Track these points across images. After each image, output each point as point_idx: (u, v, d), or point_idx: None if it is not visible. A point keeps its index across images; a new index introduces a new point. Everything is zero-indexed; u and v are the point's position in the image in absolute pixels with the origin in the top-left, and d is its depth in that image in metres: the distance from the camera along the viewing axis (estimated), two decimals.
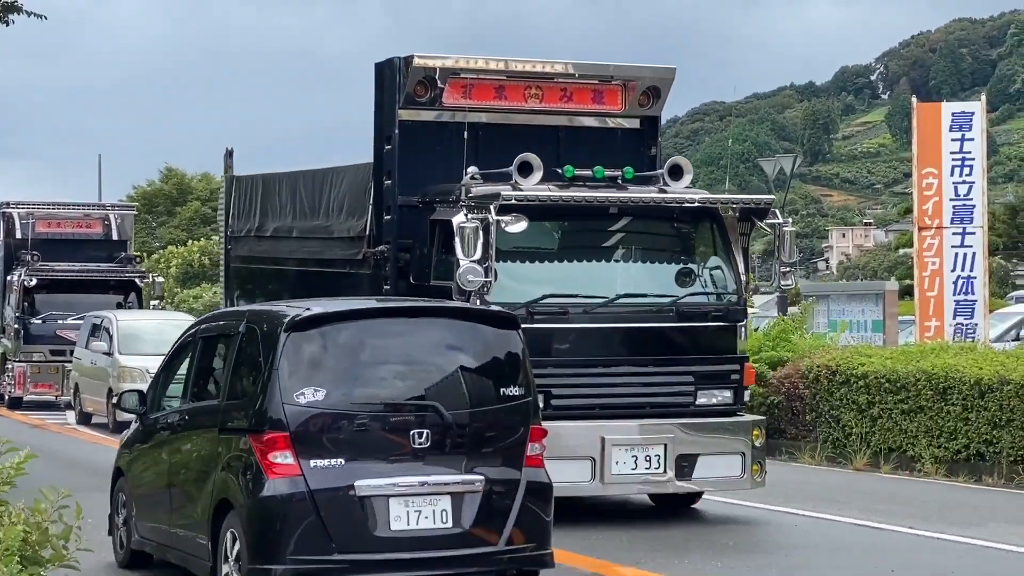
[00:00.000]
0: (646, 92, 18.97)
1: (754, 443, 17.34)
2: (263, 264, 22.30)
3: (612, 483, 16.89)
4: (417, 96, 18.22)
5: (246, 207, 22.81)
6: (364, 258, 18.64)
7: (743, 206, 17.72)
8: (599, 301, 17.05)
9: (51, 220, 37.70)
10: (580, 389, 16.96)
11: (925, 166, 27.65)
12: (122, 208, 41.71)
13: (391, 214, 18.12)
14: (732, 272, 17.57)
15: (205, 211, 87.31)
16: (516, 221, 16.36)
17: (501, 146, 17.88)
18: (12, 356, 35.65)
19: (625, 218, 17.54)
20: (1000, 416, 20.35)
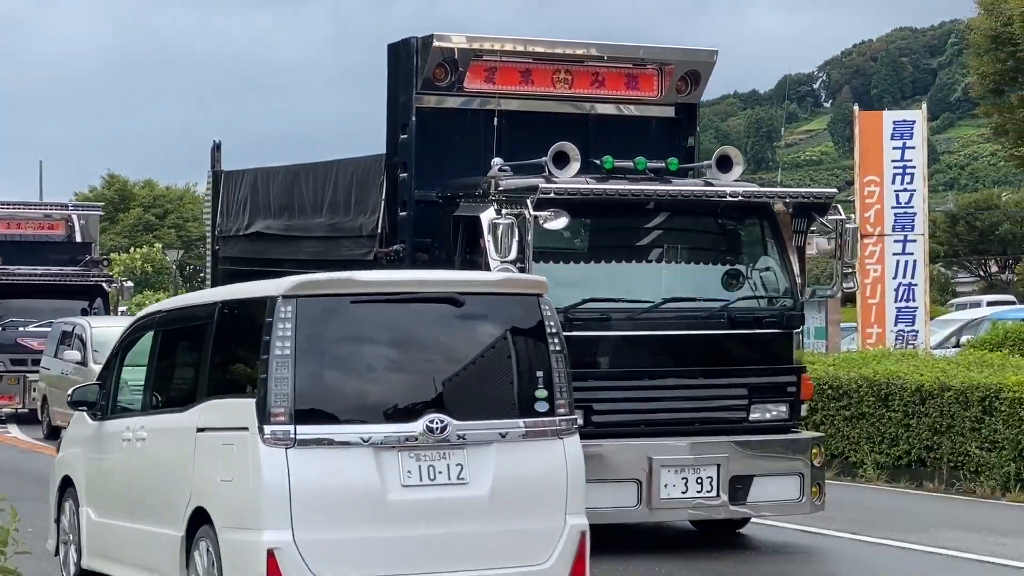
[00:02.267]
0: (684, 78, 16.94)
1: (813, 463, 15.31)
2: (256, 266, 20.06)
3: (660, 508, 14.84)
4: (436, 80, 16.18)
5: (236, 204, 20.61)
6: (376, 259, 16.63)
7: (801, 200, 15.65)
8: (644, 306, 15.00)
9: (11, 220, 35.39)
10: (624, 404, 14.92)
11: (867, 174, 27.23)
12: (86, 208, 39.39)
13: (407, 210, 16.13)
14: (787, 273, 15.54)
15: (148, 218, 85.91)
16: (555, 217, 14.28)
17: (526, 135, 15.98)
18: None
19: (672, 214, 15.54)
20: (940, 422, 19.97)
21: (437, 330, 10.75)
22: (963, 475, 19.67)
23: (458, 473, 10.35)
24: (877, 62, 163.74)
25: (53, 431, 29.13)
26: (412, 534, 10.15)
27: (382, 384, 10.55)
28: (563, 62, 16.60)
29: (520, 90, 16.47)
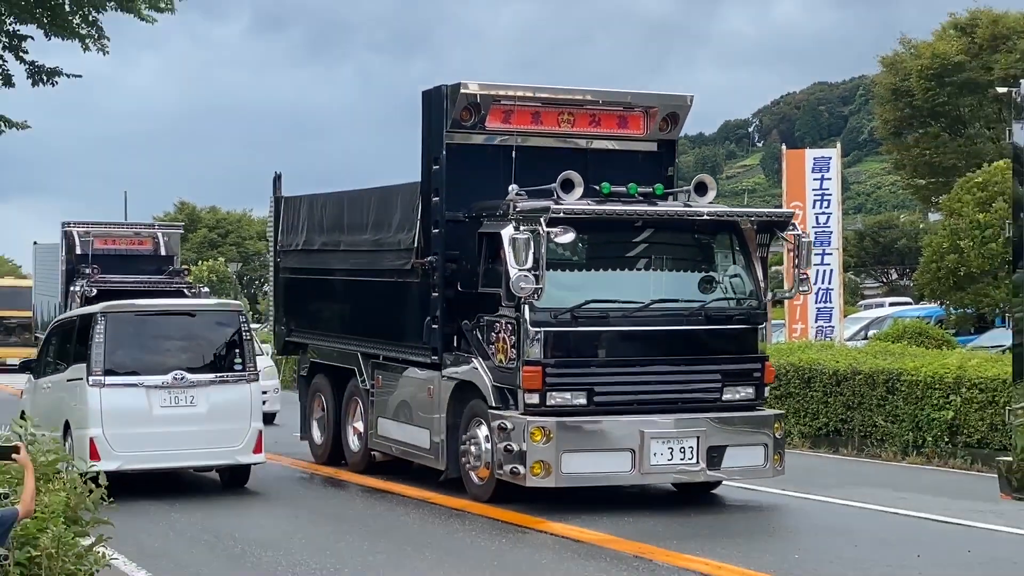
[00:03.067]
0: (665, 118, 16.61)
1: (775, 435, 15.01)
2: (311, 275, 19.74)
3: (650, 473, 14.50)
4: (463, 121, 15.85)
5: (294, 224, 20.22)
6: (412, 268, 16.27)
7: (765, 219, 15.34)
8: (636, 305, 14.66)
9: (107, 238, 34.77)
10: (620, 386, 14.60)
11: (792, 200, 27.01)
12: (169, 227, 38.79)
13: (438, 228, 15.78)
14: (753, 279, 15.27)
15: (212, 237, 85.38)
16: (564, 232, 13.99)
17: (536, 166, 15.60)
18: None
19: (658, 230, 15.20)
20: (852, 400, 20.33)
21: (182, 328, 16.89)
22: (871, 443, 19.90)
23: (190, 400, 16.06)
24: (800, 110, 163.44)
25: None
26: (165, 431, 15.82)
27: (150, 356, 16.35)
28: (566, 105, 16.26)
29: (531, 129, 16.13)
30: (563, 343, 14.38)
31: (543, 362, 14.23)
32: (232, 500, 16.25)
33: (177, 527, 14.29)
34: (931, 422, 18.92)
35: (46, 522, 8.08)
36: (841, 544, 12.88)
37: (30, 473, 7.60)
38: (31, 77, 23.21)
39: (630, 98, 16.64)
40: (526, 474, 14.13)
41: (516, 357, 14.36)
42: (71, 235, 34.09)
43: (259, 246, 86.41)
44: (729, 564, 11.79)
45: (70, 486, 8.61)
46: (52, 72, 23.23)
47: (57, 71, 23.20)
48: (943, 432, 18.79)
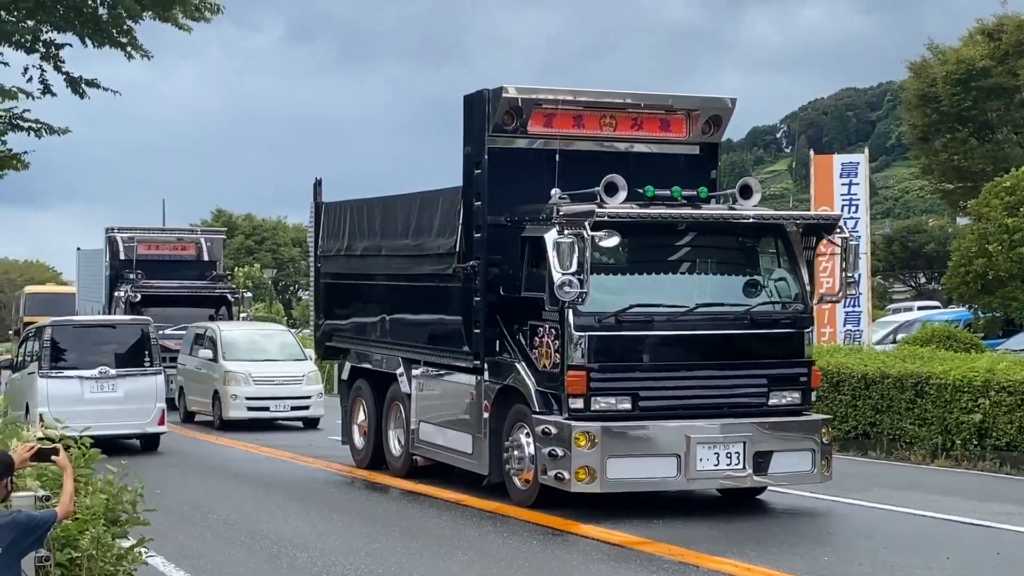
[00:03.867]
0: (708, 121, 16.21)
1: (822, 440, 14.60)
2: (352, 280, 19.47)
3: (696, 478, 14.14)
4: (504, 125, 15.54)
5: (335, 229, 19.96)
6: (454, 273, 15.94)
7: (811, 222, 14.98)
8: (681, 310, 14.30)
9: (151, 243, 34.66)
10: (665, 391, 14.23)
11: (820, 205, 26.66)
12: (212, 233, 38.64)
13: (480, 232, 15.44)
14: (799, 282, 14.85)
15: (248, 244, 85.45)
16: (609, 236, 13.65)
17: (578, 169, 15.18)
18: None
19: (703, 234, 14.80)
20: (881, 403, 20.05)
21: (107, 336, 22.64)
22: (900, 446, 19.66)
23: (112, 388, 21.54)
24: (828, 115, 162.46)
25: (189, 415, 28.56)
26: (94, 409, 20.25)
27: (83, 356, 21.76)
28: (608, 109, 15.92)
29: (573, 132, 15.80)
30: (607, 347, 14.03)
31: (587, 367, 13.89)
32: (270, 502, 16.05)
33: (214, 528, 14.19)
34: (960, 425, 18.64)
35: (86, 524, 8.01)
36: (870, 546, 12.60)
37: (69, 475, 7.47)
38: (69, 86, 23.12)
39: (672, 101, 16.31)
40: (571, 479, 13.80)
41: (560, 362, 14.03)
42: (115, 241, 34.03)
43: (294, 252, 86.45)
44: (759, 567, 11.54)
45: (110, 488, 8.44)
46: (90, 83, 23.15)
47: (95, 83, 23.12)
48: (972, 435, 18.52)
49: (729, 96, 16.32)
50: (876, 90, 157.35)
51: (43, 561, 7.41)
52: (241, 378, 26.46)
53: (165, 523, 12.96)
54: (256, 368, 26.66)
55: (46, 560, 7.45)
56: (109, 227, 34.46)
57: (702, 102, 16.30)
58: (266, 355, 27.42)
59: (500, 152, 15.53)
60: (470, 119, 15.70)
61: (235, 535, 13.71)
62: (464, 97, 15.85)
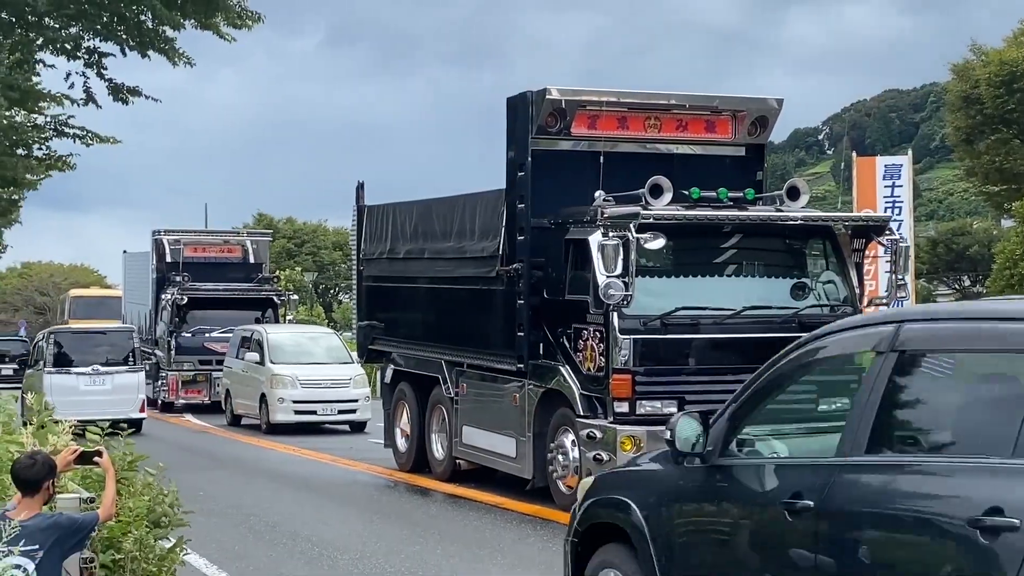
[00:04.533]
0: (754, 122, 16.06)
1: None
2: (395, 283, 19.40)
3: None
4: (548, 127, 15.45)
5: (377, 232, 19.89)
6: (497, 275, 15.84)
7: (860, 224, 14.78)
8: (727, 312, 14.12)
9: (197, 246, 34.55)
10: (712, 395, 13.89)
11: (863, 207, 26.37)
12: (258, 235, 38.61)
13: (524, 235, 15.32)
14: (847, 285, 14.67)
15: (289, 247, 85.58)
16: (655, 238, 13.52)
17: (622, 171, 15.05)
18: (165, 366, 32.32)
19: (750, 236, 14.63)
20: None
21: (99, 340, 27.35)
22: None
23: (103, 382, 25.79)
24: (871, 117, 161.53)
25: (235, 418, 28.54)
26: (88, 399, 24.30)
27: (80, 356, 26.40)
28: (652, 110, 15.80)
29: (618, 134, 15.69)
30: (653, 351, 13.88)
31: (632, 370, 13.76)
32: (311, 504, 16.03)
33: (257, 530, 14.16)
34: None
35: (129, 525, 8.00)
36: None
37: (111, 477, 7.43)
38: (112, 94, 23.18)
39: (717, 102, 16.17)
40: None
41: (605, 365, 13.90)
42: (161, 243, 33.94)
43: (334, 256, 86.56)
44: None
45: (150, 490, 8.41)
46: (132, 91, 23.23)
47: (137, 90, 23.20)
48: None
49: (775, 97, 16.16)
50: (920, 91, 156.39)
51: (87, 562, 7.36)
52: (288, 381, 26.34)
53: (208, 524, 12.99)
54: (303, 371, 26.59)
55: (90, 561, 7.41)
56: (156, 230, 34.38)
57: (748, 103, 16.15)
58: (313, 358, 27.35)
59: (543, 154, 15.42)
60: (513, 121, 15.60)
61: (277, 537, 13.66)
62: (507, 99, 15.75)
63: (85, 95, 23.15)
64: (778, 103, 16.13)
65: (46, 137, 24.14)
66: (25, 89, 21.35)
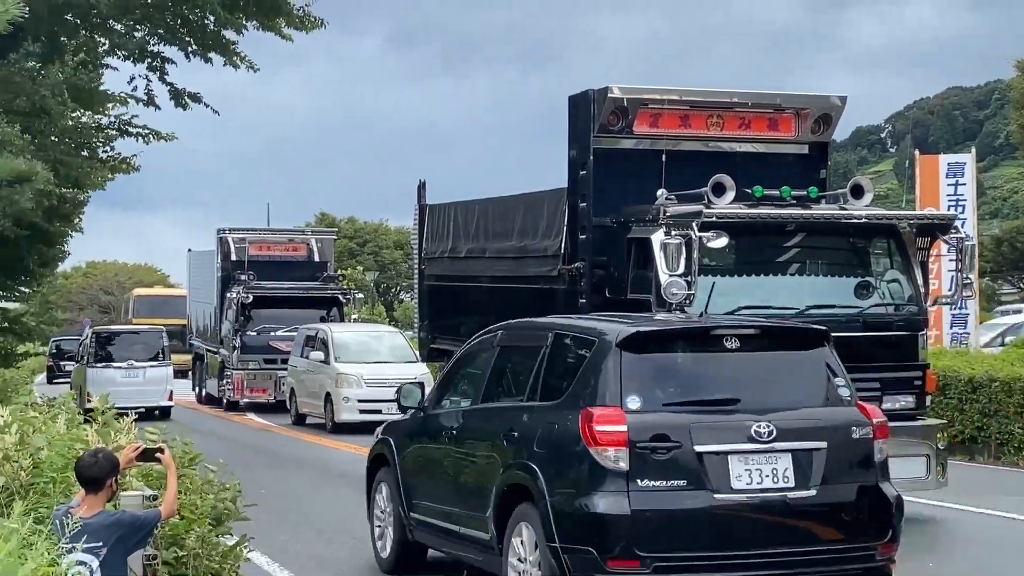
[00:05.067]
0: (817, 120, 15.89)
1: (938, 446, 14.18)
2: (457, 282, 19.39)
3: None
4: (610, 125, 15.35)
5: (439, 231, 19.90)
6: (559, 274, 15.81)
7: (926, 222, 14.57)
8: (790, 311, 13.94)
9: (262, 244, 34.46)
10: None
11: (926, 206, 25.37)
12: (322, 233, 38.50)
13: (586, 233, 15.26)
14: (912, 284, 14.44)
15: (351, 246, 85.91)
16: (717, 237, 13.39)
17: (684, 170, 14.90)
18: (230, 365, 32.33)
19: (813, 234, 14.47)
20: (989, 407, 19.57)
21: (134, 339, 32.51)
22: (1008, 451, 19.28)
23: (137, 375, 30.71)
24: (934, 115, 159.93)
25: (300, 417, 28.60)
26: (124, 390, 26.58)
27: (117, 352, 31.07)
28: (715, 108, 15.67)
29: (680, 132, 15.57)
30: None
31: None
32: None
33: (318, 528, 14.18)
34: None
35: (192, 523, 8.04)
36: (979, 553, 12.33)
37: (172, 475, 7.45)
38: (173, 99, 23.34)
39: (780, 100, 16.02)
40: None
41: None
42: (226, 241, 33.86)
43: (395, 255, 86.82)
44: None
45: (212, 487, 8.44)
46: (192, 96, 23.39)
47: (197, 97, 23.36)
48: None
49: (838, 94, 15.98)
50: (984, 88, 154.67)
51: (150, 559, 7.39)
52: (353, 380, 26.31)
53: (270, 522, 13.03)
54: (368, 370, 26.57)
55: (153, 559, 7.43)
56: (221, 228, 34.29)
57: (811, 101, 15.99)
58: (377, 357, 27.35)
59: (605, 153, 15.34)
60: (575, 120, 15.53)
61: (339, 536, 13.67)
62: (569, 98, 15.68)
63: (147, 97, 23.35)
64: (841, 100, 15.95)
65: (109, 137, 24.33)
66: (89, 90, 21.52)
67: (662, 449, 8.50)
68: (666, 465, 8.48)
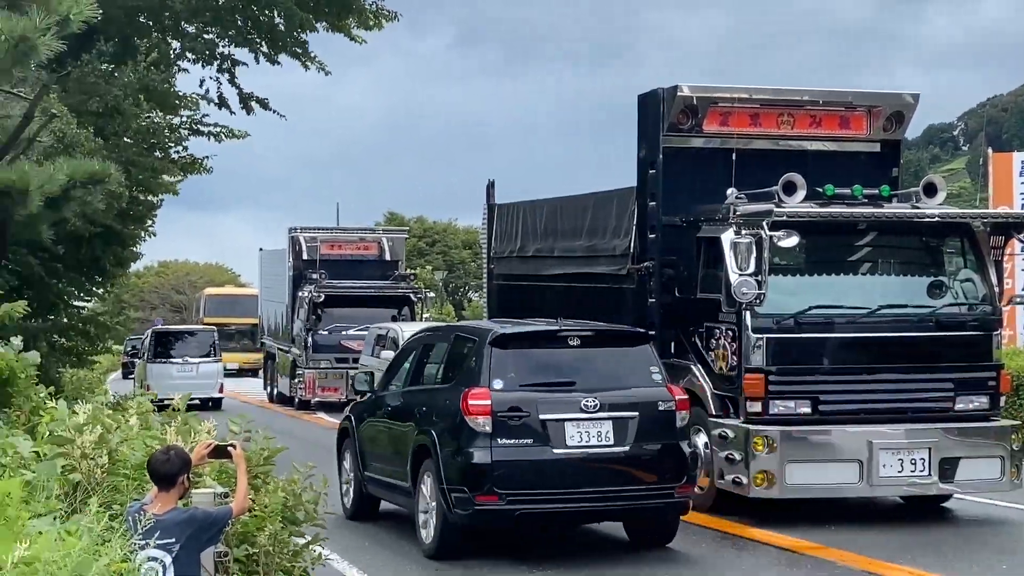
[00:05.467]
0: (889, 118, 15.73)
1: (1012, 447, 14.01)
2: (525, 281, 19.37)
3: (879, 485, 13.68)
4: (679, 124, 15.27)
5: (508, 231, 19.89)
6: (628, 274, 15.78)
7: (1000, 221, 14.38)
8: (862, 311, 13.85)
9: (333, 243, 34.36)
10: (846, 395, 13.80)
11: (999, 204, 25.22)
12: (393, 232, 38.35)
13: (655, 233, 15.24)
14: (986, 283, 14.28)
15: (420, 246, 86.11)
16: (788, 236, 13.28)
17: (754, 168, 14.80)
18: (302, 364, 32.27)
19: (885, 233, 14.36)
20: None
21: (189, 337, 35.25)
22: None
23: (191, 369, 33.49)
24: (1007, 112, 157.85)
25: None
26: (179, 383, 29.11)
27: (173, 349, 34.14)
28: (785, 107, 15.55)
29: (750, 131, 15.46)
30: (786, 350, 13.67)
31: (765, 369, 13.56)
32: None
33: (385, 526, 14.20)
34: None
35: (264, 520, 8.03)
36: None
37: (242, 472, 7.48)
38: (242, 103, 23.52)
39: (851, 97, 15.88)
40: (749, 484, 13.49)
41: (737, 364, 13.72)
42: (298, 240, 33.84)
43: (464, 255, 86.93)
44: (933, 574, 11.24)
45: (289, 487, 8.46)
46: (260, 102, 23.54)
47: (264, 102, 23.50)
48: None
49: (910, 92, 15.80)
50: None
51: (222, 556, 7.43)
52: None
53: (341, 522, 13.07)
54: None
55: (225, 556, 7.47)
56: (292, 227, 34.28)
57: (883, 98, 15.83)
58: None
59: (675, 152, 15.28)
60: (644, 119, 15.48)
61: (407, 534, 13.69)
62: (638, 97, 15.63)
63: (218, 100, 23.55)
64: (914, 98, 15.77)
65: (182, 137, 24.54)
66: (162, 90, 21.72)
67: (516, 417, 11.58)
68: (519, 428, 11.56)
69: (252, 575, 7.96)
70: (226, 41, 22.99)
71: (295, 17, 21.69)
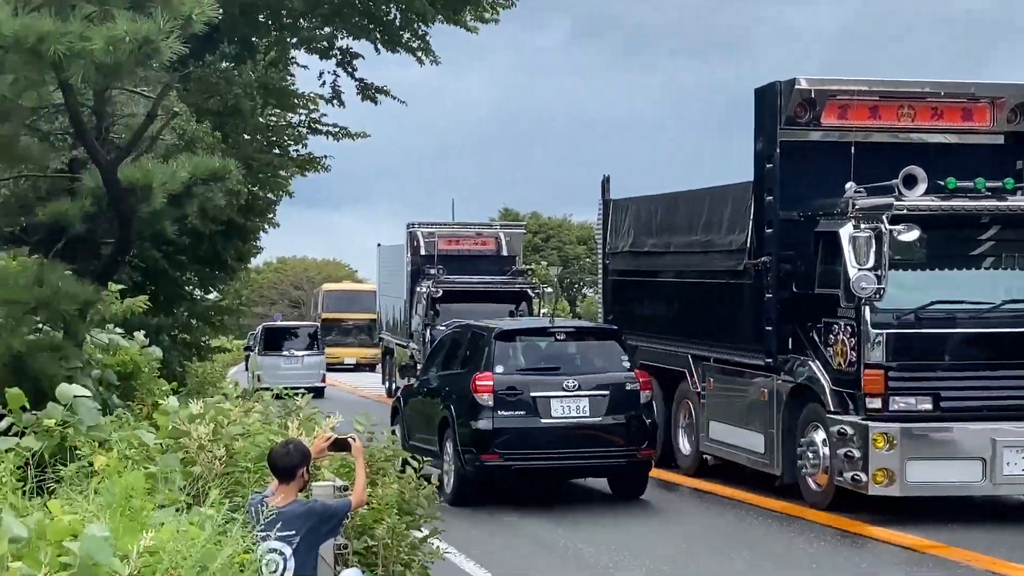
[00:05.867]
0: (1014, 109, 15.43)
1: None
2: (640, 276, 19.29)
3: (1003, 483, 13.44)
4: (797, 117, 15.12)
5: (622, 226, 19.82)
6: (745, 269, 15.61)
7: None
8: (985, 306, 13.59)
9: (451, 238, 34.27)
10: (968, 391, 13.56)
11: None
12: (511, 227, 38.18)
13: (772, 228, 15.07)
14: None
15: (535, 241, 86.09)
16: (908, 230, 13.10)
17: (872, 162, 14.60)
18: (420, 359, 32.48)
19: (1009, 227, 14.04)
20: None
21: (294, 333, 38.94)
22: None
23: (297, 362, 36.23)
24: None
25: None
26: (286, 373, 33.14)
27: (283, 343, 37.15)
28: (905, 99, 15.31)
29: (869, 124, 15.25)
30: (906, 345, 13.47)
31: (885, 365, 13.38)
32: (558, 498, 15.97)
33: (504, 523, 14.28)
34: None
35: (381, 513, 8.12)
36: None
37: (360, 466, 7.55)
38: (360, 93, 23.68)
39: (974, 89, 15.58)
40: (868, 482, 13.31)
41: (856, 360, 13.54)
42: (416, 236, 33.81)
43: (578, 250, 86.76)
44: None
45: (404, 481, 8.53)
46: (380, 90, 23.68)
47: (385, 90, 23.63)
48: None
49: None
50: None
51: (341, 548, 7.51)
52: None
53: (460, 520, 13.15)
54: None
55: (344, 548, 7.55)
56: (410, 223, 34.28)
57: (1007, 89, 15.52)
58: None
59: (792, 145, 15.12)
60: (761, 112, 15.34)
61: (522, 532, 13.78)
62: (755, 90, 15.49)
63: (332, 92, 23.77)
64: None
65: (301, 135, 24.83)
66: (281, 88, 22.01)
67: (512, 395, 14.99)
68: (515, 403, 14.95)
69: (371, 567, 8.04)
70: (343, 33, 23.20)
71: (414, 11, 21.84)
